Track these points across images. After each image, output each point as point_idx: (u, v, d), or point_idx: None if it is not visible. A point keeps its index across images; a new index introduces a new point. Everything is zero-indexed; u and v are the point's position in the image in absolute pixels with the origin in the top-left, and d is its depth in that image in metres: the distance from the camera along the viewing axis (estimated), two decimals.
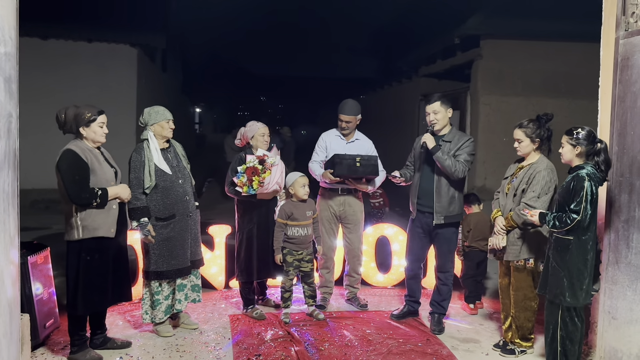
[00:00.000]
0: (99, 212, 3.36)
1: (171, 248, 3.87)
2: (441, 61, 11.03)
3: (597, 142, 3.23)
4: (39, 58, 9.63)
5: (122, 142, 8.36)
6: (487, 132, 9.13)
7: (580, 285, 3.22)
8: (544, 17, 8.69)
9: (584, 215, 3.13)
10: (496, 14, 9.11)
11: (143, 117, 3.89)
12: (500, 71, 9.05)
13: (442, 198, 4.07)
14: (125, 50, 10.53)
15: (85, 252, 3.36)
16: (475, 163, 9.29)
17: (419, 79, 12.28)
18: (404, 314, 4.43)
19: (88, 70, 10.01)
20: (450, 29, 10.01)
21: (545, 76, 9.01)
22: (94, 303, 3.46)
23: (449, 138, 4.10)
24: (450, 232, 4.18)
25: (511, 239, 3.67)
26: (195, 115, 26.17)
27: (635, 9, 3.39)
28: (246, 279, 4.35)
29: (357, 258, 4.72)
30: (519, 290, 3.69)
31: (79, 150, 3.34)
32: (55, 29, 10.19)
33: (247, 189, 4.10)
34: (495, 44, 9.06)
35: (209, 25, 14.88)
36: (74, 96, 9.13)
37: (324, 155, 4.62)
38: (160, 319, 3.94)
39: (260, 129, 4.31)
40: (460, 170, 3.98)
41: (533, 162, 3.65)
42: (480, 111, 9.14)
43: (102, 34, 10.39)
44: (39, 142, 7.30)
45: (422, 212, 4.19)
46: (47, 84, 9.47)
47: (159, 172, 3.83)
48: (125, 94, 10.19)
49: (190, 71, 18.44)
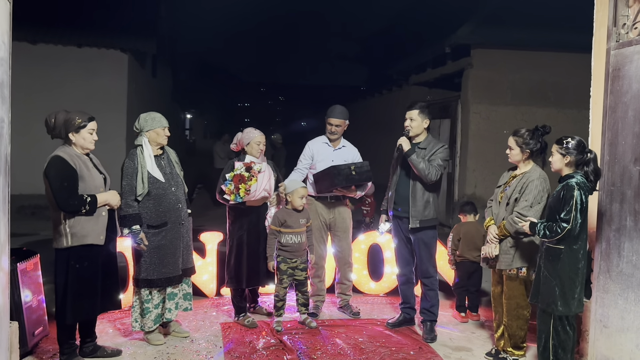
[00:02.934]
0: (88, 219, 3.32)
1: (162, 256, 3.83)
2: (431, 70, 11.09)
3: (586, 152, 3.26)
4: (28, 62, 9.54)
5: (112, 147, 8.31)
6: (478, 140, 9.19)
7: (572, 294, 3.24)
8: (534, 27, 8.80)
9: (574, 224, 3.15)
10: (487, 24, 9.20)
11: (139, 122, 3.84)
12: (490, 80, 9.12)
13: (417, 202, 4.14)
14: (116, 56, 10.48)
15: (74, 260, 3.31)
16: (465, 171, 9.34)
17: (410, 88, 12.33)
18: (400, 322, 4.43)
19: (77, 75, 9.94)
20: (440, 38, 10.08)
21: (534, 85, 9.11)
22: (83, 311, 3.41)
23: (424, 145, 4.20)
24: (429, 235, 4.22)
25: (504, 248, 3.68)
26: (185, 122, 26.07)
27: (626, 20, 3.44)
28: (235, 285, 4.32)
29: (348, 265, 4.72)
30: (512, 299, 3.70)
31: (67, 157, 3.30)
32: (45, 33, 10.11)
33: (234, 196, 4.10)
34: (486, 53, 9.13)
35: (200, 31, 14.87)
36: (62, 101, 9.08)
37: (308, 163, 4.64)
38: (150, 327, 3.89)
39: (257, 137, 4.29)
40: (433, 173, 4.06)
41: (526, 171, 3.67)
42: (471, 120, 9.20)
43: (92, 39, 10.33)
44: (26, 147, 7.22)
45: (400, 217, 4.27)
46: (35, 89, 9.37)
47: (152, 179, 3.79)
48: (115, 99, 10.12)
49: (180, 77, 18.39)
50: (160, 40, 13.86)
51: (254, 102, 28.93)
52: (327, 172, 4.37)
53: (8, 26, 2.72)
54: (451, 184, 9.76)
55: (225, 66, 19.20)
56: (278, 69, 19.68)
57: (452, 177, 9.74)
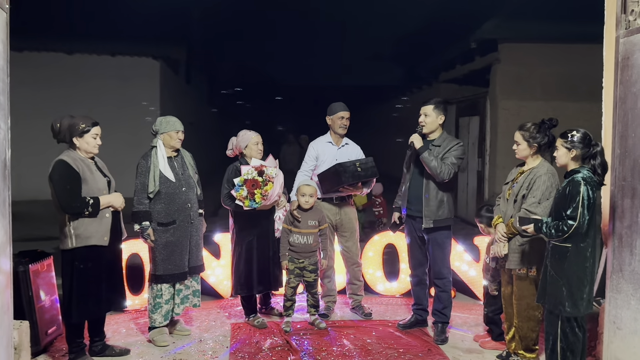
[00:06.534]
0: (92, 220, 3.42)
1: (169, 253, 3.93)
2: (460, 66, 10.87)
3: (593, 144, 3.12)
4: (63, 72, 9.94)
5: (144, 153, 8.52)
6: (507, 137, 8.87)
7: (580, 294, 3.10)
8: (562, 19, 8.47)
9: (581, 221, 3.02)
10: (513, 18, 8.93)
11: (155, 125, 4.01)
12: (519, 75, 8.84)
13: (431, 202, 4.03)
14: (148, 63, 10.77)
15: (78, 261, 3.41)
16: (495, 169, 9.09)
17: (439, 85, 12.13)
18: (412, 323, 4.34)
19: (112, 84, 10.25)
20: (467, 33, 9.87)
21: (565, 79, 8.76)
22: (88, 311, 3.50)
23: (438, 142, 4.08)
24: (443, 236, 4.11)
25: (513, 247, 3.56)
26: (222, 126, 26.47)
27: (635, 7, 3.27)
28: (246, 292, 4.29)
29: (357, 265, 4.67)
30: (522, 300, 3.57)
31: (70, 160, 3.41)
32: (80, 43, 10.49)
33: (249, 202, 4.02)
34: (513, 48, 8.86)
35: (233, 36, 15.06)
36: (97, 109, 9.41)
37: (313, 164, 4.60)
38: (160, 322, 3.97)
39: (253, 137, 4.28)
40: (445, 172, 3.93)
41: (533, 167, 3.54)
42: (499, 116, 8.95)
43: (125, 48, 10.65)
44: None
45: (413, 217, 4.16)
46: (71, 98, 9.71)
47: (163, 178, 3.91)
48: (148, 106, 10.38)
49: (215, 82, 18.70)
50: (193, 47, 14.14)
51: (285, 104, 29.09)
52: (332, 171, 4.33)
53: (5, 35, 2.82)
54: (481, 182, 9.53)
55: (261, 68, 19.39)
56: (313, 71, 19.72)
57: (482, 175, 9.50)
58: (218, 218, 7.21)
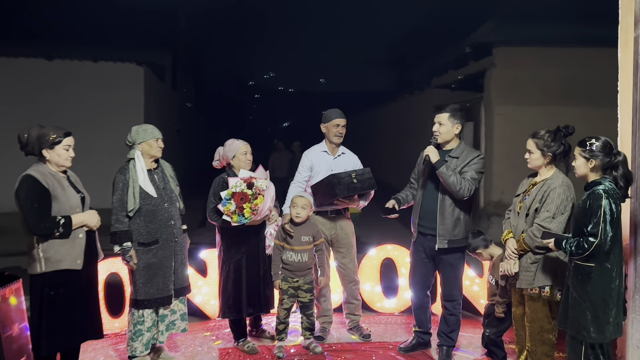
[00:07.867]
0: (63, 242, 3.07)
1: (151, 275, 3.60)
2: (453, 71, 10.70)
3: (614, 153, 2.85)
4: (44, 78, 9.58)
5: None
6: (503, 143, 8.71)
7: (606, 318, 2.82)
8: (560, 22, 8.30)
9: (603, 238, 2.74)
10: (508, 20, 8.77)
11: (130, 135, 3.67)
12: (515, 80, 8.65)
13: (446, 220, 3.69)
14: (132, 69, 10.43)
15: (48, 287, 3.06)
16: (491, 177, 8.87)
17: (432, 90, 11.94)
18: (413, 346, 4.04)
19: (94, 90, 9.92)
20: (461, 37, 9.69)
21: (564, 83, 8.57)
22: (60, 342, 3.15)
23: (456, 154, 3.72)
24: (456, 257, 3.79)
25: (524, 264, 3.27)
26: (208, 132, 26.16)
27: None
28: (235, 315, 3.96)
29: (354, 283, 4.35)
30: (535, 322, 3.28)
31: (39, 176, 3.06)
32: (60, 49, 10.14)
33: (238, 217, 3.71)
34: (509, 51, 8.68)
35: (220, 41, 14.81)
36: (79, 117, 9.07)
37: (307, 175, 4.28)
38: (141, 352, 3.63)
39: (241, 147, 3.97)
40: (465, 188, 3.59)
41: (547, 178, 3.27)
42: (495, 122, 8.75)
43: (108, 53, 10.32)
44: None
45: (424, 234, 3.81)
46: (53, 105, 9.37)
47: (144, 194, 3.59)
48: (132, 113, 10.02)
49: (201, 88, 18.42)
50: (179, 52, 13.83)
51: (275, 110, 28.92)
52: (326, 183, 4.00)
53: None
54: (476, 190, 9.30)
55: (247, 74, 19.19)
56: (302, 77, 19.58)
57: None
58: (205, 229, 6.90)
